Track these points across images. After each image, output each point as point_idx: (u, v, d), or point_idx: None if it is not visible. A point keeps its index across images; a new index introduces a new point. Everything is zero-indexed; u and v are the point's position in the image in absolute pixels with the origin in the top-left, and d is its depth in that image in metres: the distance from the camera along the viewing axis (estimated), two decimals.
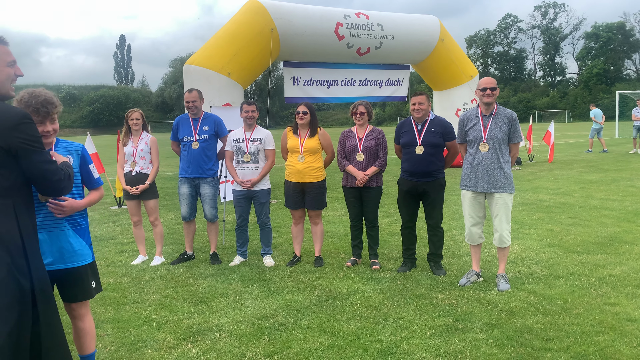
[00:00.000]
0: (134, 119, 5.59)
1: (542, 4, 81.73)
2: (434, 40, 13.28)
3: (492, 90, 4.49)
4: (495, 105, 4.61)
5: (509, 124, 4.54)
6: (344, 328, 3.78)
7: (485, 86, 4.52)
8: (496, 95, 4.54)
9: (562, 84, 78.25)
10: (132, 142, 5.61)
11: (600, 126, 18.61)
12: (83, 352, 3.04)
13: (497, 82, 4.61)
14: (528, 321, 3.80)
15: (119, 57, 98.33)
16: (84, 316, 2.98)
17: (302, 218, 5.60)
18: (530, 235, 6.37)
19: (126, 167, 5.61)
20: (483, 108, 4.62)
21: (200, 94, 5.68)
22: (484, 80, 4.57)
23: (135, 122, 5.59)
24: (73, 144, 2.98)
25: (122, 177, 5.62)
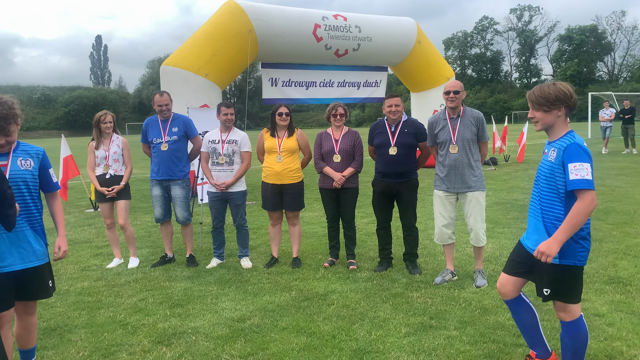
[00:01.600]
0: (107, 122, 5.53)
1: (517, 7, 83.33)
2: (411, 43, 13.42)
3: (455, 94, 4.58)
4: (461, 107, 4.68)
5: (476, 124, 4.63)
6: (320, 328, 3.80)
7: (448, 89, 4.60)
8: (460, 99, 4.62)
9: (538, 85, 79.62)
10: (104, 146, 5.55)
11: None
12: (30, 345, 3.15)
13: (471, 83, 4.69)
14: (500, 318, 3.88)
15: (95, 58, 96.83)
16: (35, 311, 3.11)
17: (279, 219, 5.61)
18: (504, 234, 6.49)
19: (99, 170, 5.55)
20: (449, 111, 4.69)
21: (170, 96, 5.61)
22: (448, 84, 4.65)
23: (108, 125, 5.53)
24: (34, 147, 3.01)
25: (94, 179, 5.55)
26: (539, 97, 2.73)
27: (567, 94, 2.71)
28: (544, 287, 2.78)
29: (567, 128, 2.77)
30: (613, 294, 4.28)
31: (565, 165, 2.62)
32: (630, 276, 4.69)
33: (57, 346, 3.65)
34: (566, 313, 2.80)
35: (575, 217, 2.58)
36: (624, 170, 12.54)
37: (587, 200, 2.57)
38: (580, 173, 2.58)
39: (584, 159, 2.60)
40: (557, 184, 2.71)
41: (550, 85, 2.74)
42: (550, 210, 2.74)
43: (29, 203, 2.91)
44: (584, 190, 2.57)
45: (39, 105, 73.11)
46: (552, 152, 2.73)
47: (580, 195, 2.59)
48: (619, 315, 3.84)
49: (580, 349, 2.82)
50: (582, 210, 2.57)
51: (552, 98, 2.70)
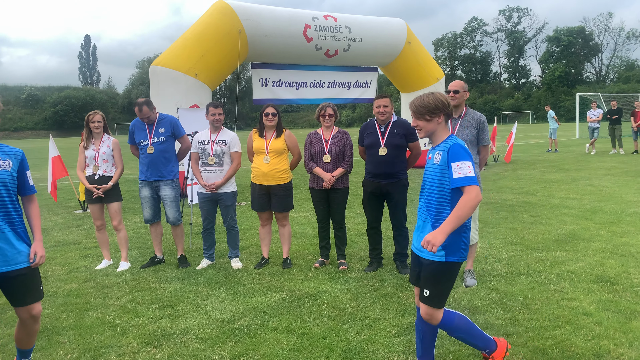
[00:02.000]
0: (96, 121, 5.47)
1: (506, 8, 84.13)
2: (401, 43, 13.47)
3: (455, 93, 4.59)
4: (464, 108, 4.69)
5: (477, 127, 4.63)
6: (311, 328, 3.80)
7: (449, 89, 4.63)
8: (460, 99, 4.62)
9: (526, 86, 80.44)
10: (94, 146, 5.50)
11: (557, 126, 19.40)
12: (30, 346, 3.16)
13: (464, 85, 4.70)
14: (490, 317, 3.90)
15: (83, 58, 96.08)
16: (38, 319, 3.06)
17: (269, 220, 5.60)
18: (493, 234, 6.53)
19: (88, 170, 5.50)
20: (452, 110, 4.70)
21: (149, 105, 5.47)
22: (450, 83, 4.67)
23: (97, 125, 5.47)
24: (13, 148, 2.96)
25: (83, 179, 5.51)
26: (419, 107, 2.89)
27: (445, 103, 2.90)
28: (424, 288, 2.86)
29: (447, 132, 2.95)
30: (600, 293, 4.33)
31: (450, 165, 2.78)
32: (618, 275, 4.75)
33: (45, 348, 3.62)
34: (432, 317, 2.88)
35: (461, 209, 2.69)
36: (611, 171, 12.68)
37: (472, 194, 2.70)
38: (462, 171, 2.73)
39: (465, 158, 2.75)
40: (444, 186, 2.84)
41: (429, 95, 2.91)
42: (441, 214, 2.84)
43: (7, 205, 2.86)
44: (468, 187, 2.72)
45: (26, 106, 72.38)
46: (437, 155, 2.87)
47: (466, 190, 2.73)
48: (606, 314, 3.88)
49: (468, 335, 2.98)
50: (468, 203, 2.69)
51: (432, 107, 2.87)
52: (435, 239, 2.66)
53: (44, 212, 9.41)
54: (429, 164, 2.95)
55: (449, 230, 2.68)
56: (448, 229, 2.68)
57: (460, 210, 2.68)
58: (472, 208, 2.69)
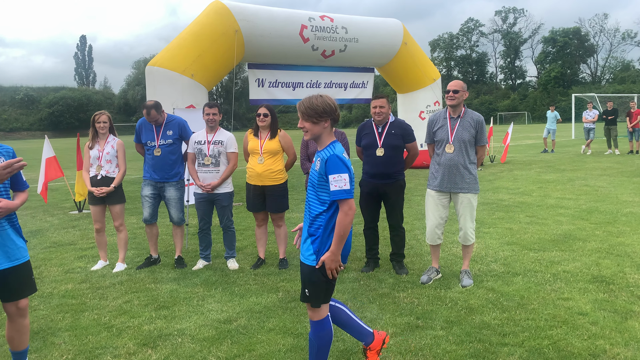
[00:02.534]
0: (101, 122, 5.44)
1: (502, 9, 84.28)
2: (397, 44, 13.48)
3: (454, 93, 4.60)
4: (463, 108, 4.70)
5: (475, 127, 4.64)
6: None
7: (448, 89, 4.64)
8: (460, 99, 4.63)
9: (522, 86, 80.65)
10: (99, 146, 5.47)
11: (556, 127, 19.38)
12: (23, 347, 3.16)
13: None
14: (486, 317, 3.91)
15: (79, 58, 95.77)
16: (27, 313, 3.12)
17: (264, 220, 5.59)
18: (490, 234, 6.54)
19: (92, 170, 5.46)
20: (450, 110, 4.72)
21: (157, 108, 5.46)
22: (450, 83, 4.68)
23: (103, 125, 5.44)
24: (3, 146, 3.08)
25: (87, 180, 5.48)
26: (308, 109, 2.86)
27: (333, 108, 2.88)
28: (305, 288, 2.92)
29: (331, 138, 2.94)
30: (596, 292, 4.34)
31: (327, 177, 2.80)
32: (613, 275, 4.76)
33: (41, 349, 3.60)
34: (314, 312, 2.93)
35: (340, 228, 2.79)
36: (606, 171, 12.72)
37: (344, 210, 2.78)
38: (339, 184, 2.77)
39: (342, 170, 2.78)
40: (320, 193, 2.86)
41: (318, 98, 2.88)
42: (315, 219, 2.89)
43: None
44: (342, 200, 2.78)
45: (22, 106, 72.08)
46: (318, 162, 2.88)
47: (340, 205, 2.79)
48: (602, 314, 3.89)
49: (323, 347, 2.97)
50: (344, 220, 2.78)
51: (319, 110, 2.84)
52: (333, 262, 2.81)
53: (39, 212, 9.37)
54: (312, 168, 2.96)
55: (338, 250, 2.81)
56: (337, 249, 2.81)
57: (341, 229, 2.78)
58: (349, 223, 2.80)
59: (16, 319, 3.06)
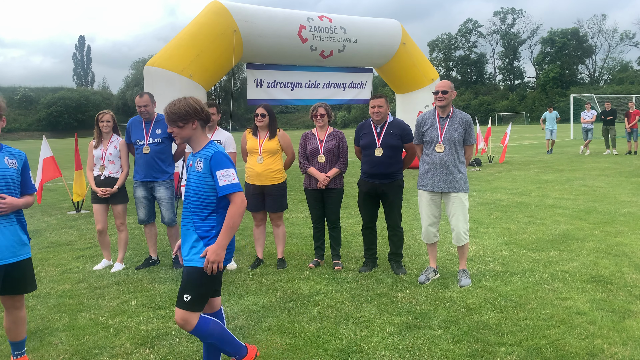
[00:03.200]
0: (105, 121, 5.43)
1: (501, 10, 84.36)
2: (396, 44, 13.49)
3: (443, 94, 4.62)
4: (451, 108, 4.73)
5: (464, 126, 4.67)
6: (305, 329, 3.79)
7: (437, 89, 4.66)
8: (449, 99, 4.65)
9: (521, 87, 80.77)
10: (102, 146, 5.46)
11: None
12: (20, 337, 3.27)
13: (456, 85, 4.74)
14: (484, 317, 3.90)
15: (78, 59, 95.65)
16: (23, 305, 3.24)
17: (263, 220, 5.59)
18: (488, 234, 6.54)
19: (95, 170, 5.45)
20: (439, 110, 4.74)
21: (151, 97, 5.53)
22: (438, 84, 4.70)
23: (106, 125, 5.43)
24: (17, 150, 3.24)
25: (91, 180, 5.46)
26: (171, 114, 2.81)
27: (197, 109, 2.82)
28: (185, 294, 2.78)
29: (207, 139, 2.91)
30: (594, 292, 4.34)
31: (214, 174, 2.77)
32: (611, 275, 4.76)
33: (38, 349, 3.59)
34: (187, 323, 2.78)
35: (231, 219, 2.76)
36: (604, 171, 12.74)
37: (237, 202, 2.77)
38: (227, 179, 2.77)
39: (229, 165, 2.79)
40: (209, 194, 2.81)
41: (180, 101, 2.82)
42: (204, 220, 2.81)
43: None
44: (233, 194, 2.77)
45: (20, 107, 71.96)
46: (199, 162, 2.83)
47: (232, 199, 2.78)
48: (600, 314, 3.89)
49: (221, 336, 2.90)
50: (236, 211, 2.76)
51: (182, 113, 2.79)
52: (218, 256, 2.74)
53: (37, 213, 9.36)
54: (191, 172, 2.89)
55: (225, 242, 2.76)
56: (224, 242, 2.76)
57: (231, 219, 2.75)
58: (240, 215, 2.79)
59: (12, 311, 3.18)
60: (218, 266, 2.76)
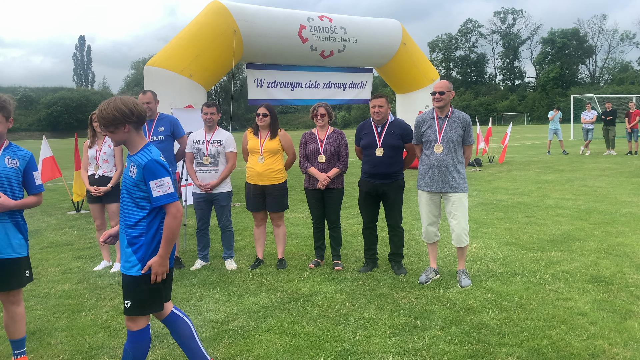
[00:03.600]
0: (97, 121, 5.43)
1: (501, 10, 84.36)
2: (396, 44, 13.48)
3: (440, 95, 4.63)
4: (450, 108, 4.72)
5: (463, 127, 4.67)
6: (305, 329, 3.78)
7: (434, 90, 4.66)
8: (446, 99, 4.66)
9: (521, 87, 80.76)
10: (97, 145, 5.46)
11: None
12: (19, 335, 3.27)
13: (456, 85, 4.74)
14: (485, 317, 3.89)
15: (78, 59, 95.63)
16: (20, 301, 3.24)
17: (263, 220, 5.57)
18: (488, 235, 6.53)
19: (89, 170, 5.45)
20: (437, 111, 4.73)
21: (154, 95, 5.55)
22: (435, 85, 4.69)
23: (99, 125, 5.42)
24: (23, 150, 3.23)
25: (85, 179, 5.46)
26: (100, 118, 2.72)
27: (126, 112, 2.68)
28: (125, 300, 2.76)
29: (143, 141, 2.80)
30: (595, 292, 4.33)
31: (148, 183, 2.69)
32: (612, 275, 4.75)
33: (37, 350, 3.58)
34: (133, 322, 2.79)
35: (169, 231, 2.73)
36: (605, 171, 12.73)
37: (173, 213, 2.72)
38: (162, 189, 2.70)
39: (163, 174, 2.71)
40: (140, 200, 2.74)
41: (109, 104, 2.70)
42: (134, 226, 2.75)
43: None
44: (169, 205, 2.72)
45: (20, 107, 71.87)
46: (133, 167, 2.74)
47: (167, 210, 2.73)
48: (601, 314, 3.88)
49: (138, 358, 2.84)
50: (173, 223, 2.73)
51: (111, 118, 2.69)
52: (162, 266, 2.72)
53: (37, 213, 9.34)
54: (125, 174, 2.81)
55: (166, 254, 2.74)
56: (165, 253, 2.73)
57: (169, 232, 2.72)
58: (178, 226, 2.75)
59: (8, 307, 3.19)
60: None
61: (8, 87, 75.93)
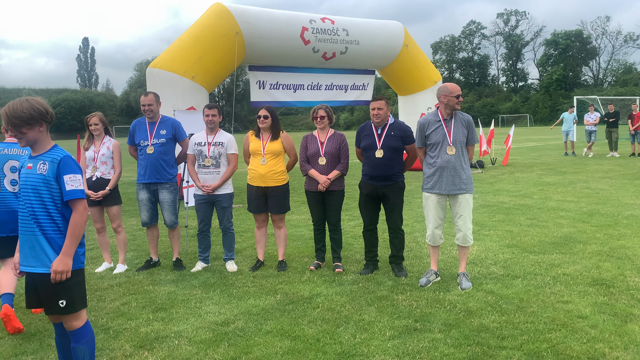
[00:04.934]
0: (92, 124, 5.44)
1: (504, 12, 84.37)
2: (398, 46, 13.48)
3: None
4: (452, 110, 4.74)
5: (467, 127, 4.69)
6: (305, 332, 3.78)
7: (459, 93, 4.66)
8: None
9: (524, 89, 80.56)
10: (94, 147, 5.46)
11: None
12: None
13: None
14: (485, 320, 3.88)
15: (82, 60, 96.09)
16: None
17: (265, 222, 5.58)
18: (490, 237, 6.52)
19: (87, 172, 5.45)
20: (445, 113, 4.72)
21: (156, 97, 5.57)
22: (457, 88, 4.67)
23: (95, 128, 5.43)
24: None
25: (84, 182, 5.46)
26: (13, 118, 2.66)
27: (42, 111, 2.72)
28: (59, 300, 2.75)
29: (51, 142, 2.83)
30: (596, 295, 4.31)
31: (61, 178, 2.73)
32: (614, 278, 4.73)
33: (37, 351, 3.59)
34: (78, 320, 2.82)
35: (75, 228, 2.74)
36: (608, 173, 12.68)
37: (81, 209, 2.76)
38: (74, 184, 2.75)
39: (76, 170, 2.77)
40: (52, 196, 2.75)
41: (24, 103, 2.68)
42: (50, 223, 2.76)
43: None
44: (77, 200, 2.76)
45: None
46: (42, 165, 2.75)
47: (75, 206, 2.76)
48: (601, 317, 3.86)
49: (93, 349, 2.90)
50: (79, 219, 2.76)
51: (26, 117, 2.67)
52: (66, 265, 2.71)
53: None
54: (29, 174, 2.76)
55: (72, 251, 2.74)
56: (72, 251, 2.74)
57: (75, 229, 2.74)
58: (84, 222, 2.79)
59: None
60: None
61: (12, 88, 76.27)
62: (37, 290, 2.81)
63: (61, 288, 2.75)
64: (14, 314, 3.83)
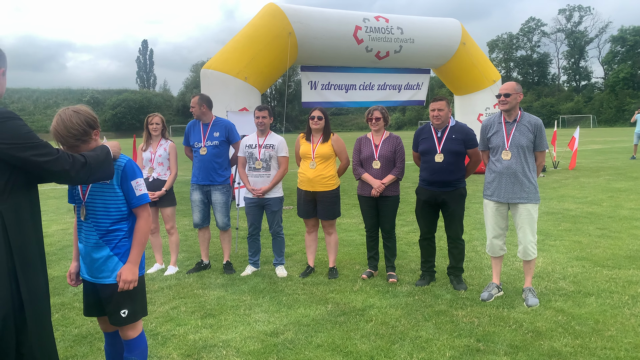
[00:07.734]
0: (154, 123, 5.47)
1: (566, 7, 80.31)
2: (455, 44, 12.99)
3: (505, 97, 4.28)
4: (519, 111, 4.37)
5: (533, 131, 4.29)
6: (358, 347, 3.56)
7: (499, 92, 4.31)
8: (512, 102, 4.30)
9: (587, 88, 76.60)
10: (151, 148, 5.49)
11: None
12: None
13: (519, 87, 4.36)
14: (556, 343, 3.53)
15: (141, 62, 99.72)
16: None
17: (315, 227, 5.40)
18: (556, 247, 6.05)
19: (144, 172, 5.48)
20: (505, 114, 4.38)
21: (202, 99, 5.44)
22: (501, 86, 4.35)
23: (155, 127, 5.47)
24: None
25: None
26: (67, 138, 2.45)
27: (90, 120, 2.53)
28: (121, 310, 2.66)
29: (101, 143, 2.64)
30: None
31: (128, 183, 2.63)
32: None
33: (87, 355, 3.56)
34: (134, 330, 2.74)
35: (142, 235, 2.66)
36: None
37: (145, 216, 2.67)
38: (142, 188, 2.66)
39: (140, 175, 2.69)
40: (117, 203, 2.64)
41: (72, 118, 2.44)
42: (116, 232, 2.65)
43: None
44: (142, 207, 2.67)
45: None
46: None
47: (140, 213, 2.68)
48: None
49: None
50: (145, 226, 2.68)
51: (80, 133, 2.47)
52: (134, 274, 2.62)
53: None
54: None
55: (139, 259, 2.66)
56: (138, 259, 2.65)
57: (142, 235, 2.66)
58: (150, 229, 2.73)
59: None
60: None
61: (78, 89, 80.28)
62: (99, 299, 2.74)
63: (126, 297, 2.67)
64: None
